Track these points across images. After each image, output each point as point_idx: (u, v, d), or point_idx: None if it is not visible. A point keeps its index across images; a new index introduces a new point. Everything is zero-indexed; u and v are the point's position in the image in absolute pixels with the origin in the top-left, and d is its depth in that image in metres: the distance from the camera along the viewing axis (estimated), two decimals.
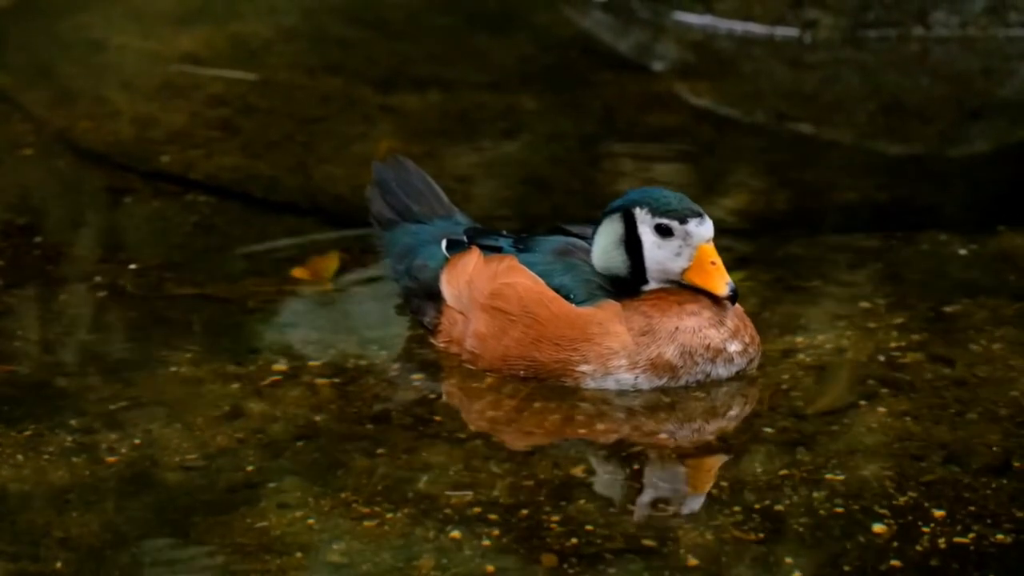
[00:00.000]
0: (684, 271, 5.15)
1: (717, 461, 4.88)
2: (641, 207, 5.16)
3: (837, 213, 6.50)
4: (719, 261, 5.14)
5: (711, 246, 5.14)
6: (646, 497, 4.70)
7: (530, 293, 5.20)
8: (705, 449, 4.95)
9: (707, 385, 5.18)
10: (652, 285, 5.17)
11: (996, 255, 6.09)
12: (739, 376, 5.21)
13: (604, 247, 5.21)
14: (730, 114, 7.41)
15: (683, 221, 5.13)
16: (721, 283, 5.14)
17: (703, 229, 5.13)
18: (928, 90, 7.74)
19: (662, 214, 5.15)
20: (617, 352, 5.13)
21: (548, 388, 5.18)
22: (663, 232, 5.14)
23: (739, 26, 8.26)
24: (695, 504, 4.68)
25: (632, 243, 5.17)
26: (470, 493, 4.70)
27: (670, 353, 5.13)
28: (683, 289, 5.16)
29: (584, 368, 5.15)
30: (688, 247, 5.13)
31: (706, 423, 5.07)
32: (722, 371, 5.19)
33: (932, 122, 7.40)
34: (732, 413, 5.12)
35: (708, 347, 5.15)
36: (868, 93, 7.69)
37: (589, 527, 4.56)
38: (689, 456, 4.90)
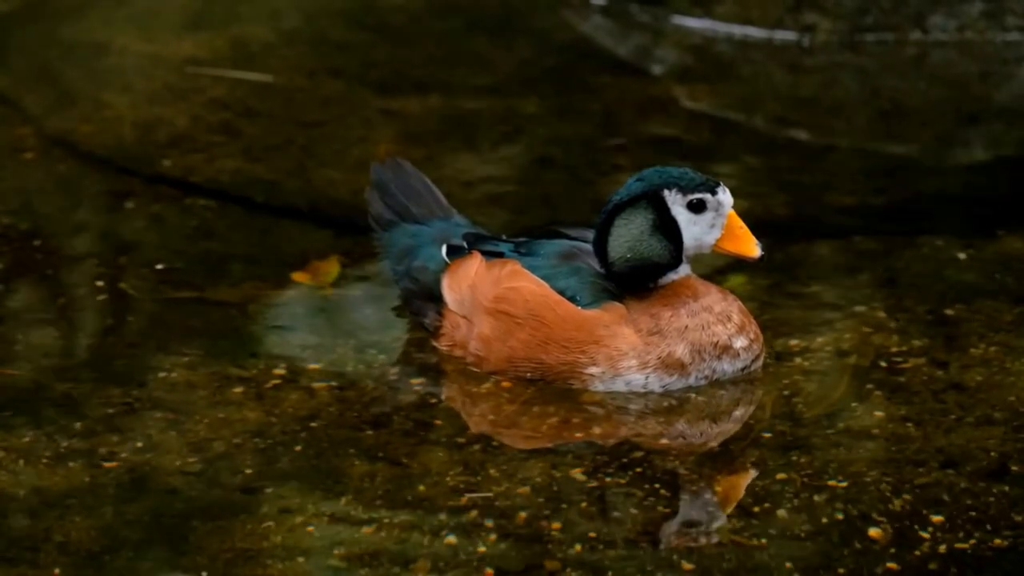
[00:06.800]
0: (717, 241, 5.16)
1: (716, 465, 4.89)
2: (669, 188, 5.14)
3: (835, 217, 6.50)
4: (744, 225, 5.15)
5: (734, 212, 5.16)
6: (646, 502, 4.71)
7: (535, 296, 5.20)
8: (704, 453, 4.95)
9: (709, 388, 5.19)
10: (684, 269, 5.17)
11: (994, 259, 6.10)
12: (743, 377, 5.22)
13: (635, 237, 5.17)
14: (728, 118, 7.41)
15: (713, 192, 5.13)
16: (753, 246, 5.16)
17: (728, 195, 5.15)
18: (926, 94, 7.75)
19: (692, 190, 5.13)
20: (626, 353, 5.14)
21: (548, 392, 5.19)
22: (697, 208, 5.13)
23: (738, 30, 8.27)
24: (694, 508, 4.69)
25: (667, 226, 5.15)
26: (490, 493, 4.71)
27: (680, 351, 5.14)
28: (686, 287, 5.17)
29: (593, 370, 5.15)
30: (720, 217, 5.14)
31: (706, 427, 5.08)
32: (728, 367, 5.19)
33: (930, 126, 7.40)
34: (732, 417, 5.12)
35: (716, 344, 5.16)
36: (866, 97, 7.69)
37: (591, 533, 4.57)
38: (689, 460, 4.91)
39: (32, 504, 4.66)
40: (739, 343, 5.19)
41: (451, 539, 4.53)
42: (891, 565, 4.44)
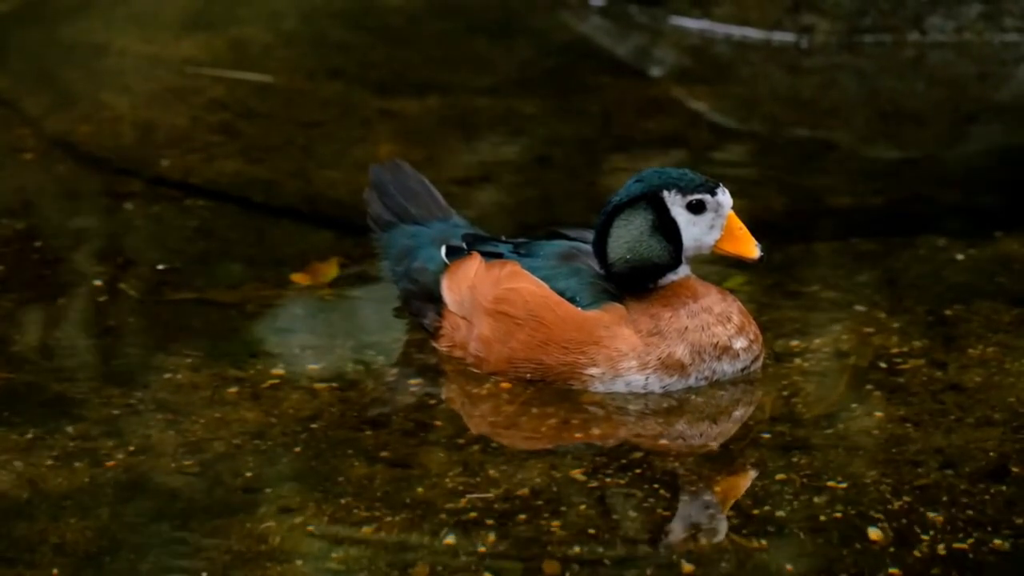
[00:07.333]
0: (716, 242, 5.16)
1: (716, 466, 4.89)
2: (668, 189, 5.14)
3: (834, 218, 6.51)
4: (744, 226, 5.16)
5: (733, 212, 5.16)
6: (646, 502, 4.71)
7: (535, 297, 5.20)
8: (704, 454, 4.95)
9: (708, 388, 5.20)
10: (683, 270, 5.18)
11: (993, 259, 6.10)
12: (742, 377, 5.23)
13: (634, 238, 5.17)
14: (727, 119, 7.42)
15: (712, 193, 5.14)
16: (752, 247, 5.16)
17: (727, 196, 5.15)
18: (924, 95, 7.75)
19: (692, 191, 5.14)
20: (627, 354, 5.14)
21: (548, 393, 5.19)
22: (697, 209, 5.14)
23: (736, 31, 8.27)
24: (694, 509, 4.69)
25: (667, 227, 5.16)
26: (490, 494, 4.71)
27: (680, 352, 5.14)
28: (685, 288, 5.17)
29: (593, 371, 5.16)
30: (720, 218, 5.14)
31: (705, 428, 5.08)
32: (728, 368, 5.20)
33: (928, 127, 7.41)
34: (731, 418, 5.12)
35: (716, 344, 5.16)
36: (865, 98, 7.69)
37: (591, 530, 4.57)
38: (688, 461, 4.91)
39: (30, 505, 4.66)
40: (739, 344, 5.20)
41: (450, 540, 4.53)
42: (893, 571, 4.44)
